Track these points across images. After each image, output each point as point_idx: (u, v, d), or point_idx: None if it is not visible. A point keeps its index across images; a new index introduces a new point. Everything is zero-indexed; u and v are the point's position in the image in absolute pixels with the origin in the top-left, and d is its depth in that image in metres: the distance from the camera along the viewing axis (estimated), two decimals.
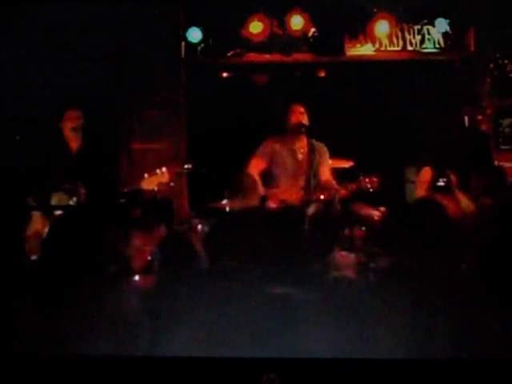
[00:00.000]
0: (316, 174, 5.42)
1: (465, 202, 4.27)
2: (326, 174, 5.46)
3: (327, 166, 5.54)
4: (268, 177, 5.51)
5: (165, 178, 5.02)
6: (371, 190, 5.20)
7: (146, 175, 4.98)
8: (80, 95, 5.38)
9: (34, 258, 4.40)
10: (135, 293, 2.63)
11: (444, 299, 2.27)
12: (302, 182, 5.40)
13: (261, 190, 5.33)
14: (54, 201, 4.85)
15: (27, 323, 2.38)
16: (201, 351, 2.32)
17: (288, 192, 5.31)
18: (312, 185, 5.37)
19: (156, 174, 4.98)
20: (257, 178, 5.37)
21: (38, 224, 4.64)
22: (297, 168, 5.47)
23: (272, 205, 5.08)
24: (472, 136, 5.21)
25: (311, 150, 5.46)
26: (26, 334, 2.36)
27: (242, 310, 2.38)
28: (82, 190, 4.87)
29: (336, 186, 5.32)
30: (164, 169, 5.02)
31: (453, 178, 4.86)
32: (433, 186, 5.09)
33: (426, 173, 5.24)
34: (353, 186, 5.22)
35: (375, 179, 5.23)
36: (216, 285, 2.46)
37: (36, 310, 2.37)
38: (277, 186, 5.45)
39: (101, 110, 5.58)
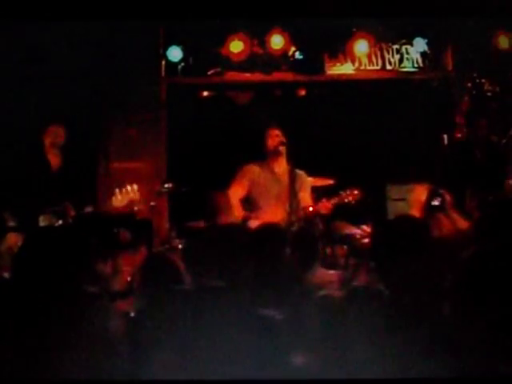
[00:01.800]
0: (296, 196, 5.32)
1: (459, 220, 4.26)
2: (306, 201, 5.38)
3: (308, 192, 5.47)
4: (249, 202, 5.43)
5: (135, 196, 4.81)
6: (353, 202, 5.18)
7: (117, 190, 4.81)
8: (60, 113, 5.33)
9: (5, 275, 4.31)
10: (115, 314, 2.58)
11: (430, 317, 2.26)
12: (285, 204, 5.30)
13: (239, 210, 5.26)
14: (42, 222, 4.73)
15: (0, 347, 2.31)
16: (182, 374, 2.27)
17: (272, 214, 5.22)
18: (294, 207, 5.27)
19: (127, 190, 4.80)
20: (236, 203, 5.29)
21: (12, 240, 4.53)
22: (279, 190, 5.38)
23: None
24: (455, 153, 5.22)
25: (292, 173, 5.37)
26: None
27: (223, 332, 2.34)
28: (72, 212, 4.76)
29: (317, 209, 5.24)
30: (135, 186, 4.82)
31: (447, 196, 4.83)
32: (427, 206, 5.05)
33: (419, 192, 5.20)
34: (335, 199, 5.18)
35: (356, 192, 5.21)
36: (197, 306, 2.42)
37: (10, 333, 2.30)
38: (259, 210, 5.36)
39: (80, 128, 5.54)
